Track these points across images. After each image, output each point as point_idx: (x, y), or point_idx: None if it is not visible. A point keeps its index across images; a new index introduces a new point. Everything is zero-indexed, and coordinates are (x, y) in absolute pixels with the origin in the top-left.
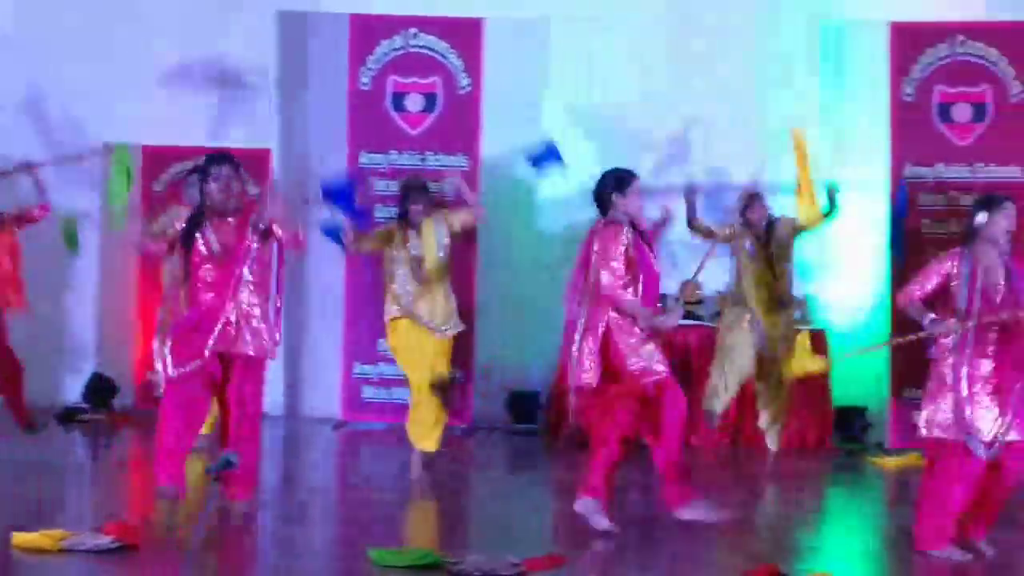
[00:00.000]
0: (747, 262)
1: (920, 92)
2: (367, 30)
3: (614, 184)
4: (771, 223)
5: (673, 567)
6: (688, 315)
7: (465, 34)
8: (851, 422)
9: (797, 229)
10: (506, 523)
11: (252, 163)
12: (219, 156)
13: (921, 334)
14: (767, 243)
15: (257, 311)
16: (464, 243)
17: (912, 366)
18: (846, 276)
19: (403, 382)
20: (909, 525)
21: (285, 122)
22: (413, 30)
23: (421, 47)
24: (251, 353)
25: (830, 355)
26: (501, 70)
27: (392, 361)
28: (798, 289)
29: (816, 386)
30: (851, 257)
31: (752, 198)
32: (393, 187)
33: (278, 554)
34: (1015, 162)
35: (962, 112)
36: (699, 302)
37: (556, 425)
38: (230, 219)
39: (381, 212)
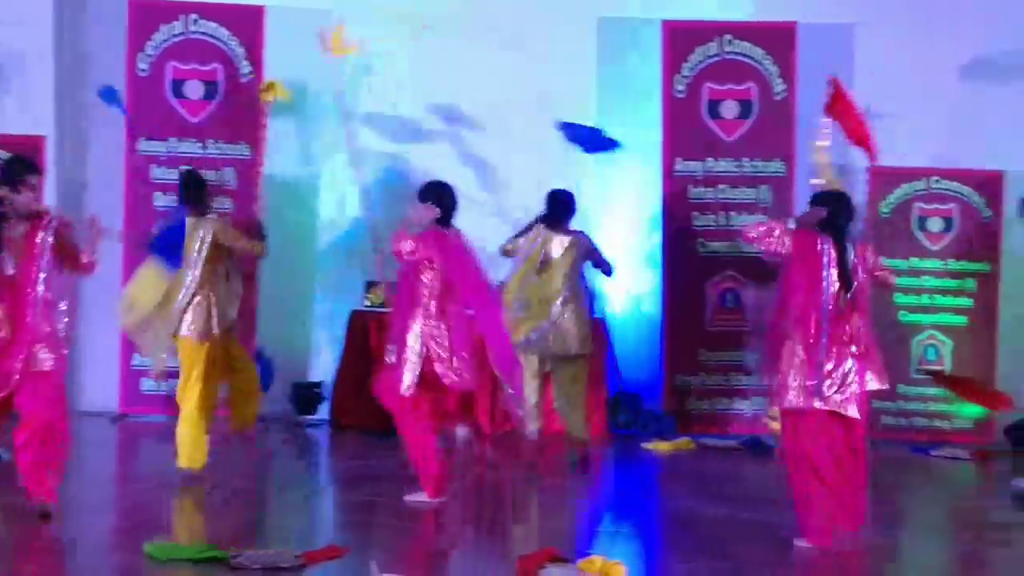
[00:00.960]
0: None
1: (691, 89)
2: (147, 15)
3: None
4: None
5: (451, 554)
6: None
7: (247, 22)
8: (626, 407)
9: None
10: (287, 515)
11: (25, 151)
12: (31, 162)
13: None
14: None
15: (47, 328)
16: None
17: (684, 354)
18: (623, 268)
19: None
20: (681, 507)
21: (61, 109)
22: (194, 16)
23: (202, 33)
24: (44, 369)
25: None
26: (286, 59)
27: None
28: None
29: (592, 374)
30: (628, 249)
31: None
32: (172, 175)
33: (54, 549)
34: (778, 156)
35: (729, 109)
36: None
37: (339, 416)
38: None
39: (160, 200)
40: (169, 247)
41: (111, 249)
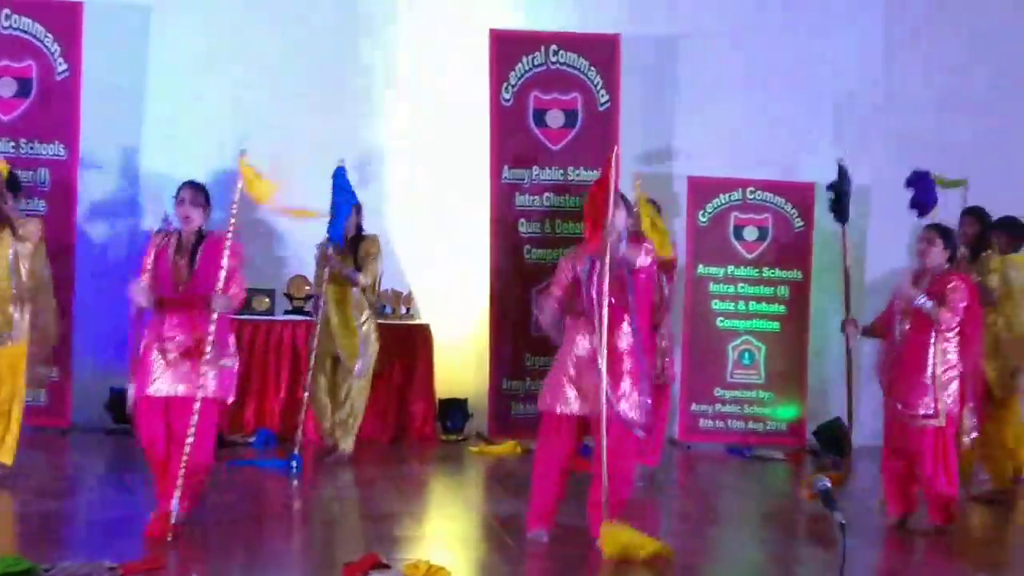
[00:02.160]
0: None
1: (517, 98)
2: None
3: None
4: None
5: (275, 559)
6: (297, 310)
7: (62, 18)
8: (453, 413)
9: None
10: (104, 526)
11: None
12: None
13: None
14: (353, 249)
15: None
16: (64, 247)
17: (510, 359)
18: (451, 273)
19: None
20: (507, 510)
21: None
22: (6, 11)
23: (16, 30)
24: None
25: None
26: (103, 56)
27: None
28: (401, 285)
29: (420, 378)
30: (456, 255)
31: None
32: None
33: None
34: (600, 165)
35: (555, 118)
36: (307, 298)
37: None
38: None
39: None
40: None
41: None
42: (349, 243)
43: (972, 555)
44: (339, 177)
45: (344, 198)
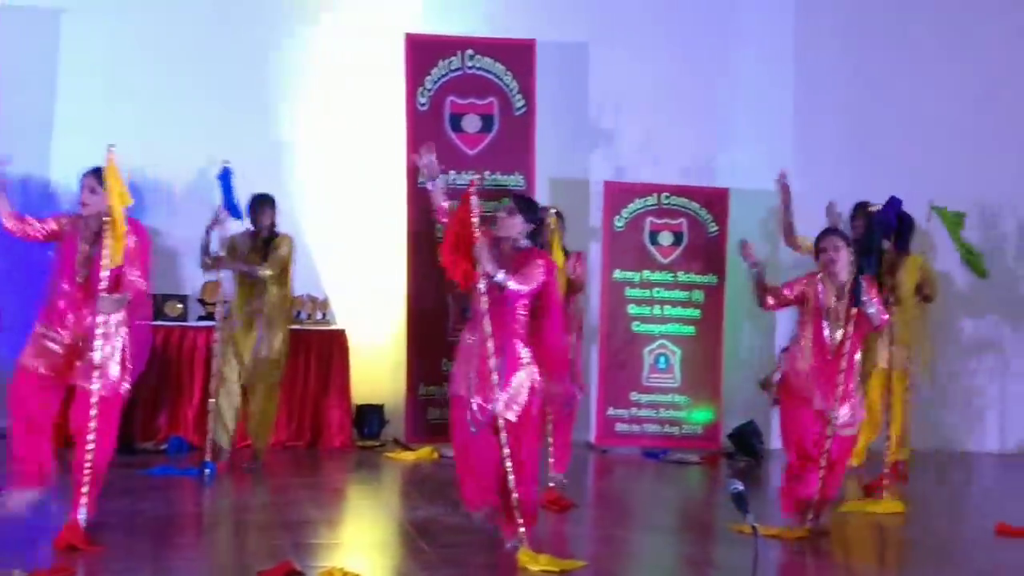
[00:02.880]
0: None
1: (433, 102)
2: None
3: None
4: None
5: (188, 567)
6: (211, 316)
7: None
8: (370, 419)
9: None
10: (12, 535)
11: None
12: None
13: None
14: (264, 250)
15: None
16: None
17: (427, 365)
18: (368, 279)
19: None
20: (423, 516)
21: None
22: None
23: None
24: None
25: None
26: (13, 60)
27: None
28: (316, 290)
29: (336, 384)
30: (373, 260)
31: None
32: None
33: None
34: (518, 170)
35: (471, 123)
36: (225, 302)
37: None
38: None
39: None
40: None
41: None
42: (261, 242)
43: (876, 554)
44: (223, 179)
45: (230, 199)
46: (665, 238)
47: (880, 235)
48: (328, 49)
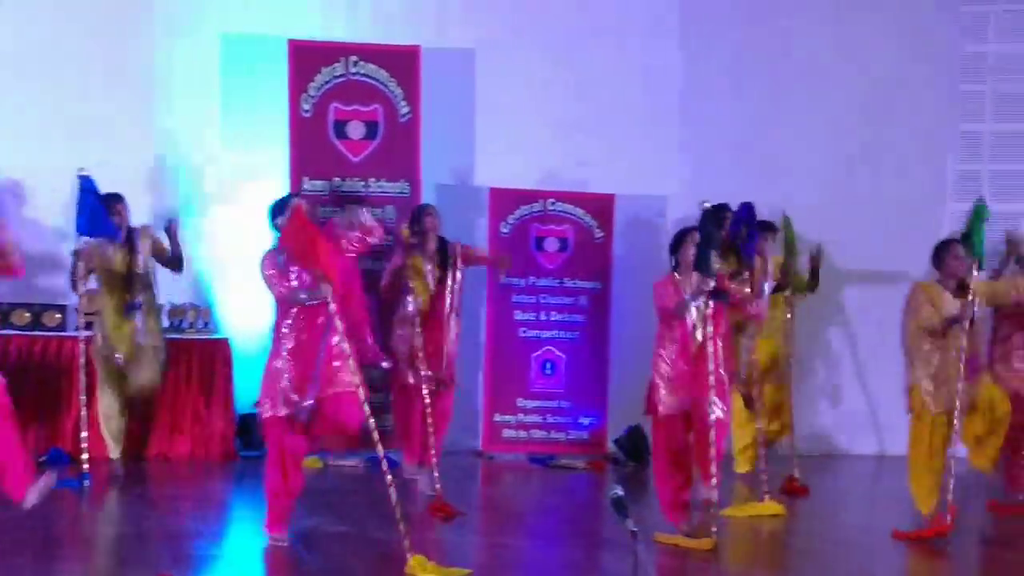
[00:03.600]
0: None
1: (317, 109)
2: None
3: None
4: (131, 232)
5: None
6: (90, 326)
7: None
8: (253, 429)
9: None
10: None
11: None
12: None
13: None
14: (129, 251)
15: None
16: None
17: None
18: (252, 287)
19: None
20: (306, 526)
21: None
22: None
23: None
24: None
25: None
26: None
27: None
28: (199, 299)
29: (219, 393)
30: (256, 268)
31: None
32: None
33: None
34: (403, 177)
35: (356, 129)
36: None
37: None
38: None
39: None
40: None
41: None
42: (121, 244)
43: (761, 556)
44: (82, 190)
45: (85, 198)
46: (551, 244)
47: (711, 234)
48: (209, 54)
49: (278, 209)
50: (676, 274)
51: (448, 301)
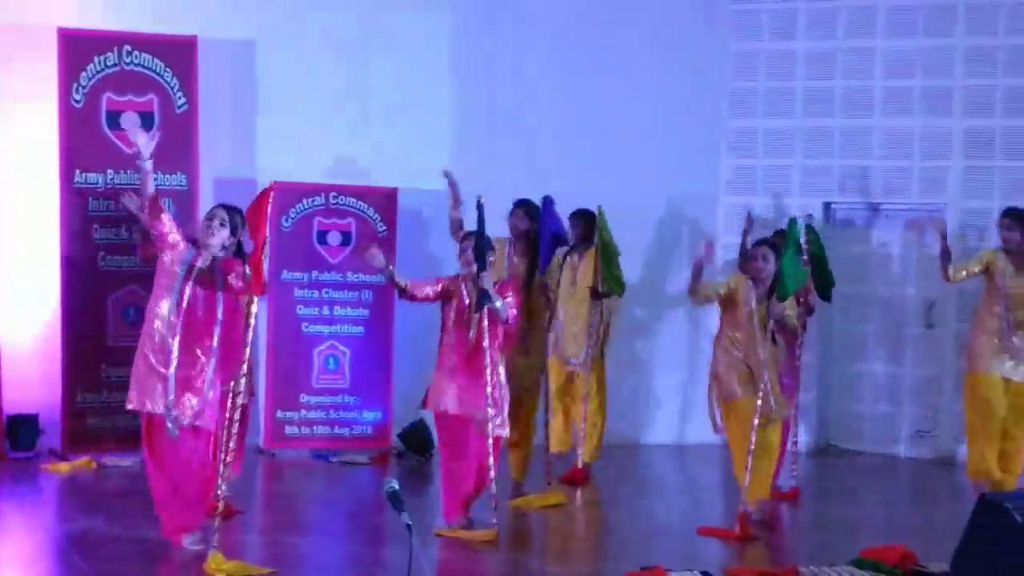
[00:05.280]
0: None
1: (89, 99)
2: None
3: None
4: None
5: None
6: None
7: None
8: (23, 429)
9: None
10: None
11: None
12: None
13: None
14: None
15: None
16: None
17: (85, 371)
18: (19, 282)
19: None
20: (79, 528)
21: None
22: None
23: None
24: None
25: None
26: None
27: None
28: None
29: None
30: (23, 262)
31: None
32: None
33: None
34: (180, 170)
35: (130, 120)
36: None
37: None
38: None
39: None
40: None
41: None
42: None
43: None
44: None
45: None
46: (334, 238)
47: (481, 232)
48: None
49: None
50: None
51: None
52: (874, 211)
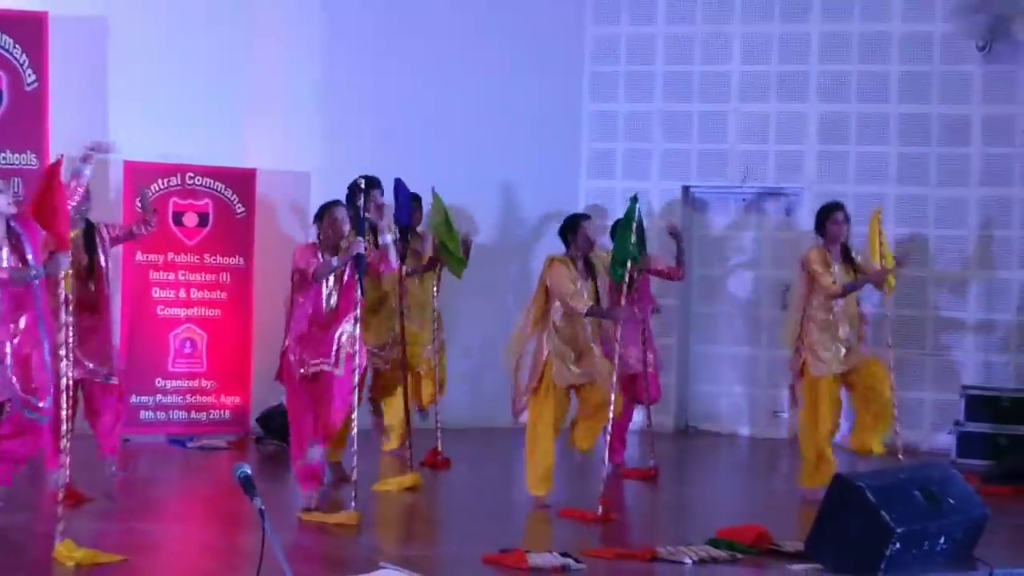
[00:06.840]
0: None
1: None
2: None
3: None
4: None
5: None
6: None
7: None
8: None
9: None
10: None
11: None
12: None
13: None
14: None
15: None
16: None
17: None
18: None
19: None
20: None
21: None
22: None
23: None
24: None
25: None
26: None
27: None
28: None
29: None
30: None
31: None
32: None
33: None
34: (30, 148)
35: None
36: None
37: None
38: None
39: None
40: None
41: None
42: None
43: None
44: None
45: None
46: (190, 219)
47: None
48: None
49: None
50: None
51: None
52: (731, 195)
